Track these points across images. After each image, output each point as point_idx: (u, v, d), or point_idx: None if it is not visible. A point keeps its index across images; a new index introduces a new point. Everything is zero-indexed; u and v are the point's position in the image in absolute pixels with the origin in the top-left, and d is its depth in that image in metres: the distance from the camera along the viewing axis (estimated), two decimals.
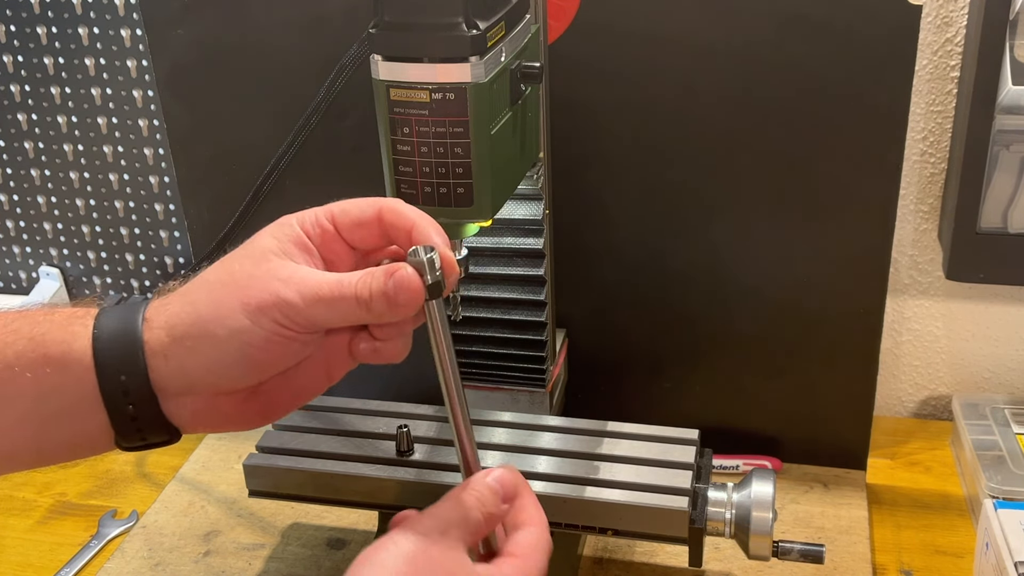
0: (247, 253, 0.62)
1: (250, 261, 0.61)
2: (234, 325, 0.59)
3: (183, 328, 0.60)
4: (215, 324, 0.59)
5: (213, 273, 0.62)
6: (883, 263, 0.97)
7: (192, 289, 0.62)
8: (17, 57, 1.18)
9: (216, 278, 0.61)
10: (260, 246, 0.62)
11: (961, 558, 0.95)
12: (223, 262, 0.62)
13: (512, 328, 0.92)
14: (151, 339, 0.60)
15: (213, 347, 0.60)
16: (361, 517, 1.02)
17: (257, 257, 0.61)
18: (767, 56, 0.91)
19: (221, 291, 0.60)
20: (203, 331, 0.60)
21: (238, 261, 0.62)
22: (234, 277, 0.61)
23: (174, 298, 0.62)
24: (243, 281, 0.60)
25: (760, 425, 1.06)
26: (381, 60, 0.69)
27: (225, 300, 0.60)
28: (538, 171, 0.87)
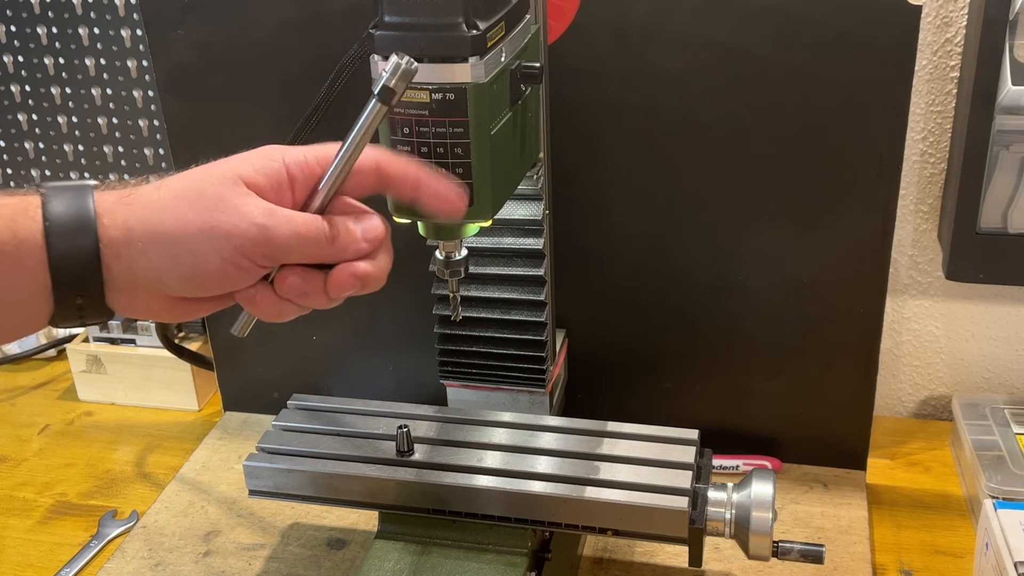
0: (220, 174, 0.62)
1: (223, 184, 0.61)
2: (195, 245, 0.60)
3: (142, 231, 0.60)
4: (176, 237, 0.60)
5: (181, 184, 0.62)
6: (883, 263, 0.97)
7: (158, 196, 0.61)
8: (17, 57, 1.19)
9: (184, 191, 0.61)
10: (236, 171, 0.62)
11: (961, 558, 0.95)
12: (193, 176, 0.62)
13: (512, 328, 0.92)
14: (106, 236, 0.60)
15: (168, 258, 0.60)
16: (361, 517, 1.02)
17: (229, 181, 0.61)
18: (767, 56, 0.91)
19: (188, 207, 0.60)
20: (163, 240, 0.60)
21: (210, 181, 0.61)
22: (204, 196, 0.61)
23: (136, 198, 0.61)
24: (212, 203, 0.60)
25: (760, 425, 1.06)
26: (381, 60, 0.69)
27: (192, 217, 0.60)
28: (538, 171, 0.87)
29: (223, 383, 1.20)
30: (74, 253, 0.59)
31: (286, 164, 0.63)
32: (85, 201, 0.60)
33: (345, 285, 0.64)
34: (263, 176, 0.62)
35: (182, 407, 1.24)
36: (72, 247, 0.59)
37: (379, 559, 0.84)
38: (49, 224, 0.59)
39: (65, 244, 0.59)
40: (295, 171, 0.64)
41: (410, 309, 1.01)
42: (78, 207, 0.59)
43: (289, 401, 0.96)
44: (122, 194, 0.61)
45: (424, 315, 0.95)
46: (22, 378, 1.32)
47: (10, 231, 0.58)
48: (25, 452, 1.18)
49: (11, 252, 0.58)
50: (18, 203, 0.59)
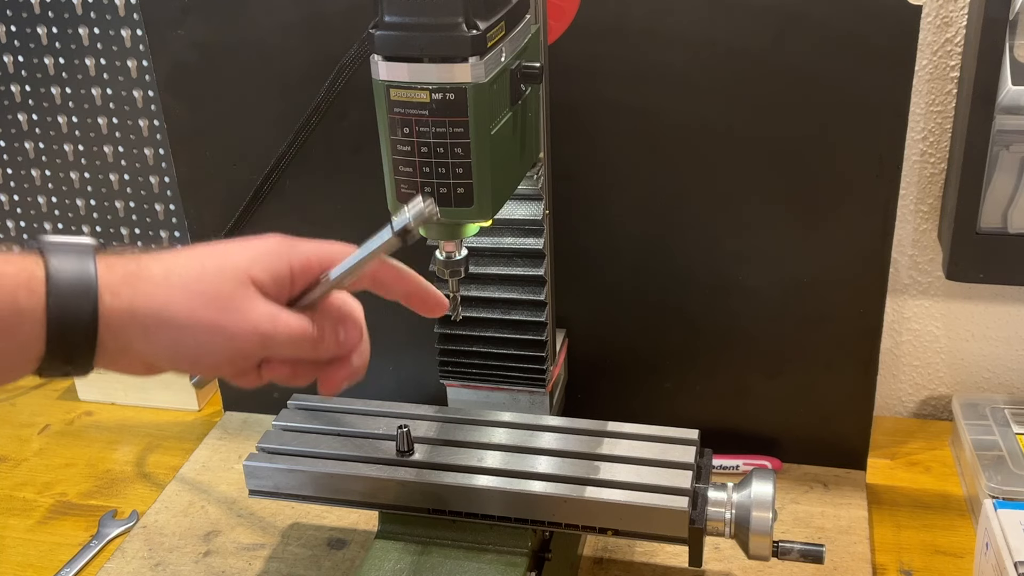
0: (233, 273, 0.63)
1: (234, 284, 0.63)
2: (199, 339, 0.63)
3: (146, 316, 0.61)
4: (182, 329, 0.62)
5: (192, 273, 0.63)
6: (883, 263, 0.97)
7: (167, 283, 0.62)
8: (17, 57, 1.19)
9: (196, 284, 0.62)
10: (248, 271, 0.64)
11: (961, 558, 0.95)
12: (205, 267, 0.63)
13: (512, 328, 0.92)
14: (106, 315, 0.60)
15: (168, 345, 0.63)
16: (361, 517, 1.02)
17: (240, 282, 0.63)
18: (767, 56, 0.91)
19: (199, 302, 0.62)
20: (167, 329, 0.62)
21: (223, 279, 0.63)
22: (216, 295, 0.62)
23: (144, 279, 0.62)
24: (222, 303, 0.63)
25: (760, 425, 1.06)
26: (381, 60, 0.69)
27: (200, 313, 0.62)
28: (538, 171, 0.87)
29: (223, 383, 1.20)
30: (73, 330, 0.60)
31: (291, 266, 0.66)
32: (88, 275, 0.60)
33: (336, 390, 0.70)
34: (270, 277, 0.65)
35: (182, 407, 1.24)
36: (71, 324, 0.60)
37: (379, 559, 0.84)
38: (51, 301, 0.59)
39: (64, 320, 0.60)
40: (297, 271, 0.66)
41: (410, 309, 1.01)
42: (81, 281, 0.60)
43: (289, 401, 0.96)
44: (128, 269, 0.62)
45: None
46: None
47: (12, 306, 0.58)
48: (25, 452, 1.18)
49: (11, 325, 0.59)
50: (20, 273, 0.59)
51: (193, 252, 0.65)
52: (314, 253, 0.67)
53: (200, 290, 0.62)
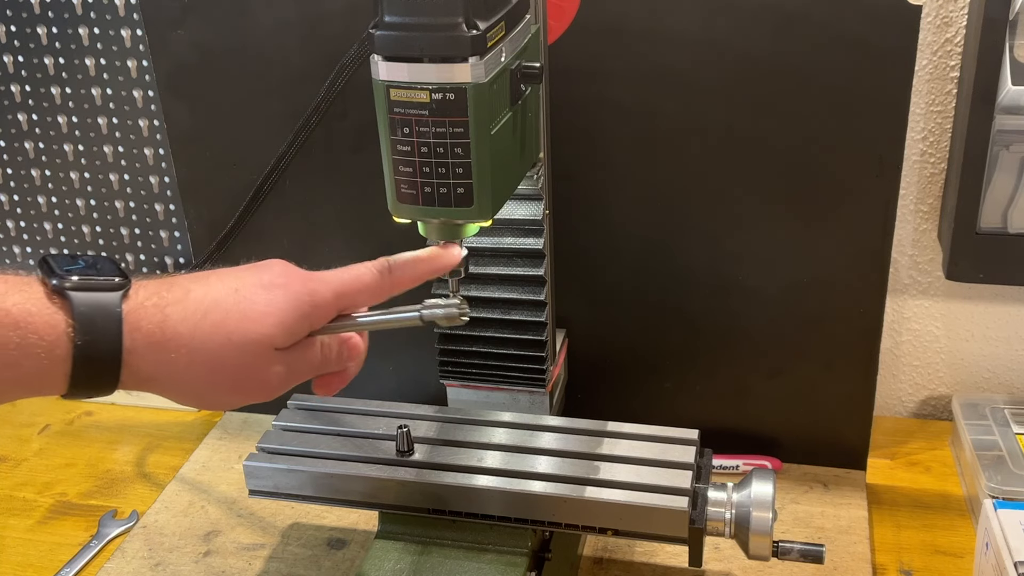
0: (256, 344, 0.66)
1: (256, 356, 0.66)
2: (216, 399, 0.68)
3: (167, 379, 0.65)
4: (199, 392, 0.66)
5: (217, 338, 0.65)
6: (883, 263, 0.97)
7: (190, 348, 0.64)
8: (17, 57, 1.18)
9: (219, 353, 0.65)
10: (271, 340, 0.66)
11: (961, 558, 0.95)
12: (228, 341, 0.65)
13: (512, 328, 0.92)
14: (128, 375, 0.63)
15: (184, 399, 0.67)
16: (361, 517, 1.02)
17: (264, 353, 0.66)
18: (767, 56, 0.91)
19: (221, 373, 0.65)
20: (185, 391, 0.66)
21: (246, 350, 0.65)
22: (237, 367, 0.65)
23: (168, 341, 0.63)
24: (243, 374, 0.66)
25: (760, 425, 1.06)
26: (381, 60, 0.69)
27: (220, 381, 0.66)
28: (538, 171, 0.87)
29: None
30: (91, 391, 0.63)
31: (312, 326, 0.69)
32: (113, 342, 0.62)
33: (329, 393, 0.75)
34: (291, 336, 0.68)
35: (182, 407, 1.24)
36: (93, 387, 0.62)
37: (379, 559, 0.84)
38: (76, 368, 0.61)
39: (86, 383, 0.62)
40: (316, 321, 0.70)
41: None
42: (107, 344, 0.61)
43: (289, 401, 0.96)
44: (153, 335, 0.63)
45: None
46: None
47: (38, 371, 0.60)
48: (25, 452, 1.18)
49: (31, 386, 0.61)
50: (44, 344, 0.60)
51: (218, 313, 0.65)
52: (332, 296, 0.70)
53: (223, 362, 0.65)
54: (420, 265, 0.73)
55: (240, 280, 0.67)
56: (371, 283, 0.71)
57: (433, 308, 0.73)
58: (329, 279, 0.70)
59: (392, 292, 0.72)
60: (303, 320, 0.68)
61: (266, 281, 0.68)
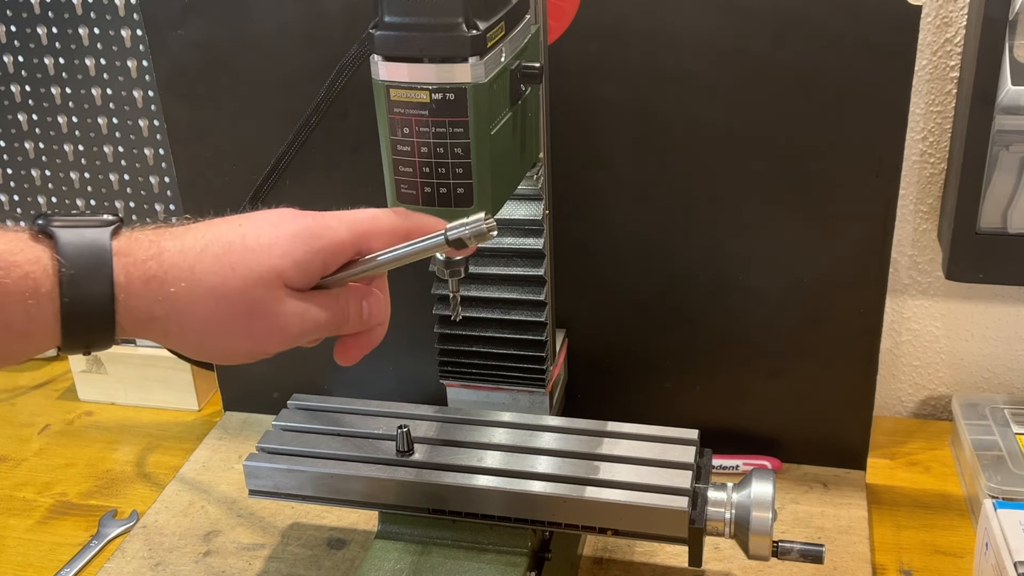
0: (261, 274, 0.61)
1: (263, 288, 0.61)
2: (224, 341, 0.62)
3: (168, 318, 0.60)
4: (206, 332, 0.61)
5: (219, 272, 0.60)
6: (883, 263, 0.97)
7: (190, 280, 0.59)
8: (17, 57, 1.19)
9: (222, 287, 0.60)
10: (278, 270, 0.62)
11: (961, 558, 0.96)
12: (232, 264, 0.61)
13: (512, 328, 0.92)
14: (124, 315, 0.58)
15: (190, 342, 0.62)
16: (361, 517, 1.02)
17: (271, 284, 0.61)
18: (767, 56, 0.91)
19: (225, 307, 0.60)
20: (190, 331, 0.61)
21: (251, 281, 0.61)
22: (242, 299, 0.61)
23: (165, 277, 0.59)
24: (249, 307, 0.61)
25: (760, 425, 1.06)
26: (381, 60, 0.69)
27: (226, 319, 0.61)
28: (538, 171, 0.87)
29: (223, 383, 1.20)
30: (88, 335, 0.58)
31: (323, 257, 0.64)
32: (104, 276, 0.58)
33: (352, 360, 0.70)
34: (300, 273, 0.63)
35: (182, 407, 1.24)
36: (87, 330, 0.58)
37: (379, 559, 0.84)
38: (66, 307, 0.57)
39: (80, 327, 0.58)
40: (329, 258, 0.65)
41: (410, 309, 1.01)
42: (96, 279, 0.57)
43: (289, 401, 0.96)
44: (149, 269, 0.59)
45: (424, 315, 0.95)
46: (22, 378, 1.32)
47: (25, 315, 0.56)
48: (25, 452, 1.18)
49: (21, 331, 0.57)
50: (28, 282, 0.56)
51: (220, 246, 0.61)
52: (347, 234, 0.65)
53: (228, 296, 0.60)
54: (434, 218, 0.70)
55: (245, 218, 0.64)
56: (388, 223, 0.67)
57: (459, 228, 0.65)
58: (343, 216, 0.66)
59: (409, 236, 0.67)
60: (315, 255, 0.63)
61: (273, 218, 0.64)
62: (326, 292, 0.65)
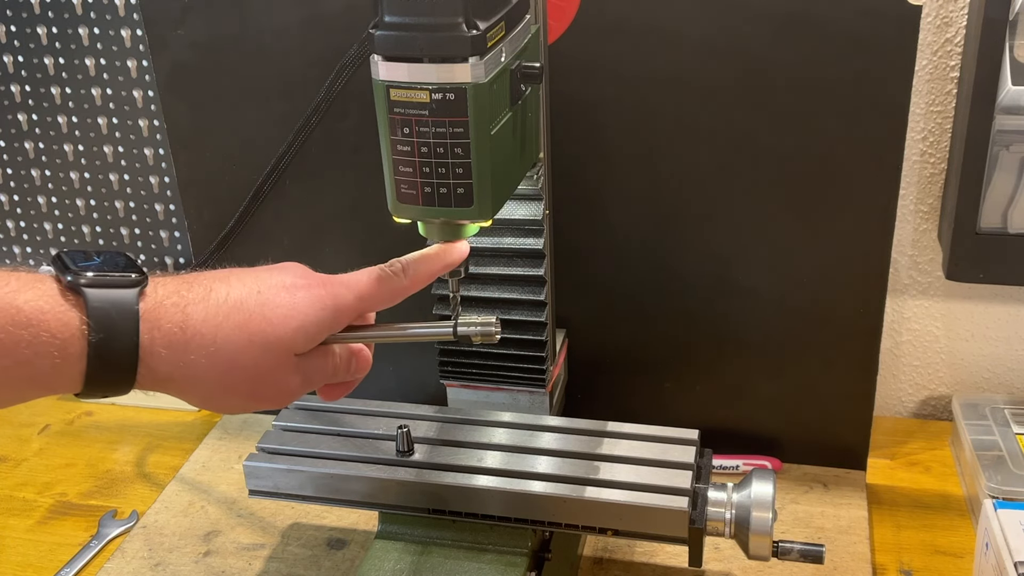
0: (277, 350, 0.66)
1: (276, 360, 0.66)
2: (232, 403, 0.67)
3: (184, 380, 0.64)
4: (216, 395, 0.66)
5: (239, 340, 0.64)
6: (883, 263, 0.97)
7: (210, 352, 0.63)
8: (17, 57, 1.19)
9: (239, 357, 0.64)
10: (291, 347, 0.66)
11: (961, 558, 0.95)
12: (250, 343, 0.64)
13: (512, 328, 0.92)
14: (144, 376, 0.62)
15: (199, 400, 0.66)
16: (361, 517, 1.02)
17: (283, 358, 0.66)
18: (767, 56, 0.91)
19: (239, 376, 0.65)
20: (202, 393, 0.65)
21: (266, 353, 0.65)
22: (256, 371, 0.65)
23: (187, 343, 0.63)
24: (261, 378, 0.66)
25: (760, 425, 1.06)
26: (381, 60, 0.69)
27: (238, 387, 0.65)
28: (538, 171, 0.87)
29: None
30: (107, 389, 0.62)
31: (333, 323, 0.69)
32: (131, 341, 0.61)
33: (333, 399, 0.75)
34: (311, 341, 0.68)
35: (182, 407, 1.24)
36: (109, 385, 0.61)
37: (379, 559, 0.84)
38: (91, 366, 0.60)
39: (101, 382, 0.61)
40: (336, 325, 0.69)
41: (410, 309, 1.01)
42: (123, 343, 0.60)
43: None
44: (172, 331, 0.62)
45: (424, 315, 0.95)
46: None
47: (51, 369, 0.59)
48: (25, 452, 1.18)
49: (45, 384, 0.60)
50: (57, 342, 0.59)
51: (241, 315, 0.65)
52: (354, 299, 0.70)
53: (244, 366, 0.64)
54: (431, 262, 0.73)
55: (262, 282, 0.67)
56: (390, 285, 0.71)
57: (469, 325, 0.73)
58: (350, 283, 0.70)
59: (409, 292, 0.72)
60: (324, 324, 0.68)
61: (288, 283, 0.67)
62: (325, 349, 0.70)
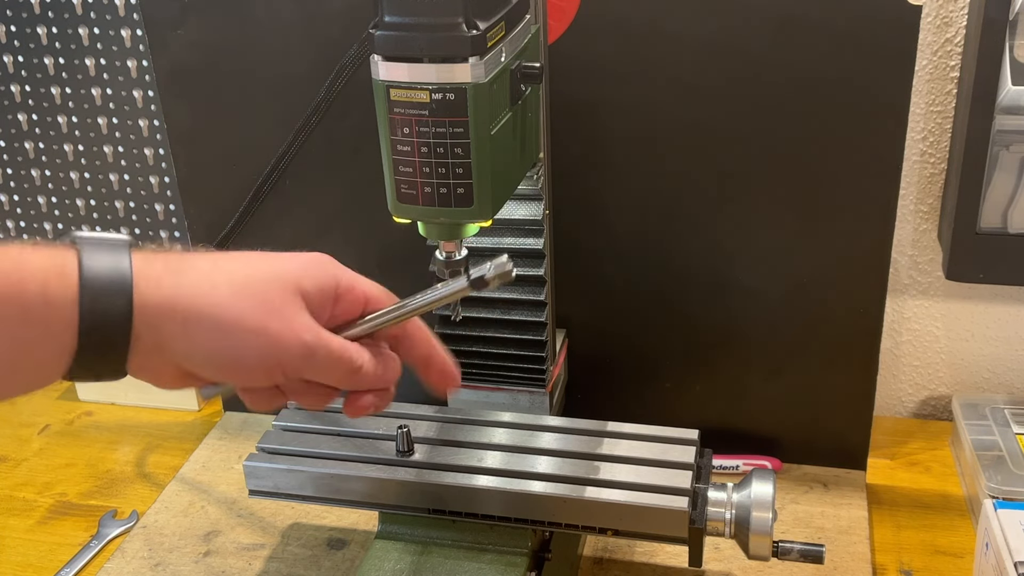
0: (283, 282, 0.62)
1: (283, 292, 0.62)
2: (242, 341, 0.60)
3: (188, 309, 0.59)
4: (226, 328, 0.60)
5: (240, 274, 0.61)
6: (883, 263, 0.97)
7: (212, 280, 0.60)
8: (17, 57, 1.19)
9: (244, 286, 0.61)
10: (297, 282, 0.63)
11: (961, 558, 0.95)
12: (253, 270, 0.62)
13: (512, 328, 0.92)
14: (143, 304, 0.57)
15: (209, 343, 0.60)
16: (361, 517, 1.02)
17: (289, 291, 0.62)
18: (767, 56, 0.91)
19: (247, 303, 0.60)
20: (210, 326, 0.59)
21: (273, 285, 0.62)
22: (265, 299, 0.61)
23: (186, 271, 0.60)
24: (270, 308, 0.61)
25: (760, 425, 1.06)
26: (381, 60, 0.69)
27: (248, 315, 0.60)
28: (538, 171, 0.87)
29: None
30: (107, 319, 0.57)
31: (339, 284, 0.65)
32: (123, 266, 0.57)
33: (360, 415, 0.70)
34: (317, 291, 0.64)
35: (182, 407, 1.24)
36: (105, 312, 0.57)
37: (379, 559, 0.84)
38: (84, 287, 0.56)
39: (98, 308, 0.56)
40: (343, 291, 0.66)
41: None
42: (116, 271, 0.57)
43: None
44: (170, 262, 0.60)
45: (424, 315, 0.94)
46: None
47: (42, 295, 0.55)
48: (25, 452, 1.18)
49: (42, 316, 0.56)
50: (51, 262, 0.56)
51: (240, 255, 0.63)
52: (360, 283, 0.67)
53: (248, 291, 0.60)
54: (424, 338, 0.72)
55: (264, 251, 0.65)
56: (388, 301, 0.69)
57: (481, 267, 0.66)
58: (357, 276, 0.68)
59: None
60: (330, 278, 0.64)
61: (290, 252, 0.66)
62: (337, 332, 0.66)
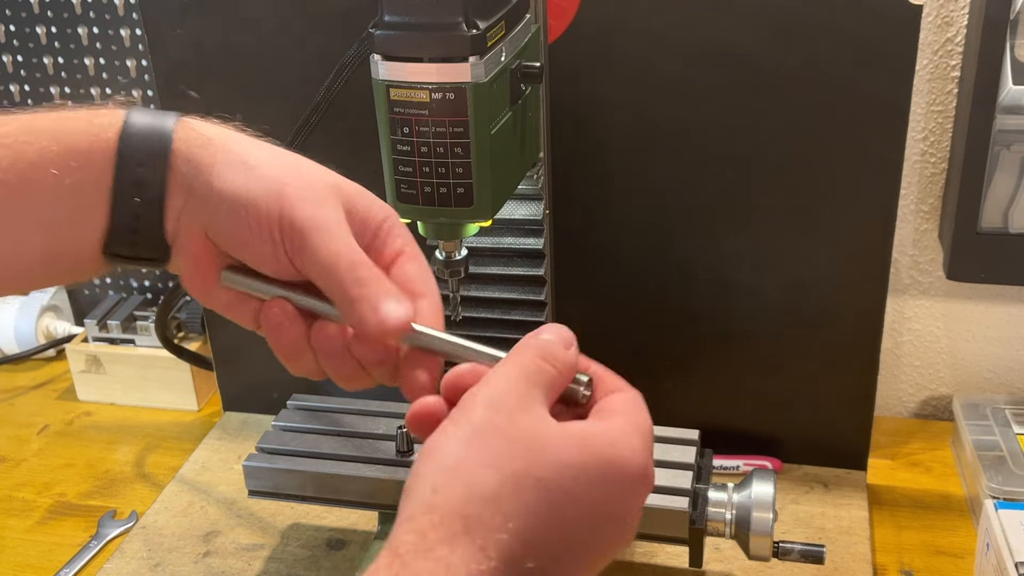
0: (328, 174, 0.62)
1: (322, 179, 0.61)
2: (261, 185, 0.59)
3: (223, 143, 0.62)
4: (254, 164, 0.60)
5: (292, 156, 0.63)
6: (883, 263, 0.97)
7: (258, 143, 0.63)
8: (17, 57, 1.19)
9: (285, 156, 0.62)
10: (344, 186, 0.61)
11: (961, 558, 0.95)
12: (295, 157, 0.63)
13: (512, 328, 0.92)
14: (182, 134, 0.60)
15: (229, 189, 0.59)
16: (361, 517, 1.02)
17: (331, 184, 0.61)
18: (767, 56, 0.91)
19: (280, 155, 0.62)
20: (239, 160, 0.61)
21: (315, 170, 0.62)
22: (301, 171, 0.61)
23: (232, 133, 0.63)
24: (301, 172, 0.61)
25: (760, 425, 1.06)
26: (381, 60, 0.69)
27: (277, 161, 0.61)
28: (538, 171, 0.87)
29: (223, 383, 1.20)
30: (145, 144, 0.59)
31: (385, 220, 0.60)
32: (166, 118, 0.61)
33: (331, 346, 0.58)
34: (363, 208, 0.60)
35: (182, 407, 1.24)
36: (144, 136, 0.59)
37: None
38: (127, 122, 0.59)
39: (138, 135, 0.59)
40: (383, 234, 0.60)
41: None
42: (157, 116, 0.61)
43: (289, 401, 0.95)
44: (204, 135, 0.62)
45: None
46: (21, 378, 1.32)
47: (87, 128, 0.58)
48: (24, 452, 1.18)
49: (84, 149, 0.57)
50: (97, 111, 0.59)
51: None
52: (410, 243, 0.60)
53: (288, 159, 0.62)
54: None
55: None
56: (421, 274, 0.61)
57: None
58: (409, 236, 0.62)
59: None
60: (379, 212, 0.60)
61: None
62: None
